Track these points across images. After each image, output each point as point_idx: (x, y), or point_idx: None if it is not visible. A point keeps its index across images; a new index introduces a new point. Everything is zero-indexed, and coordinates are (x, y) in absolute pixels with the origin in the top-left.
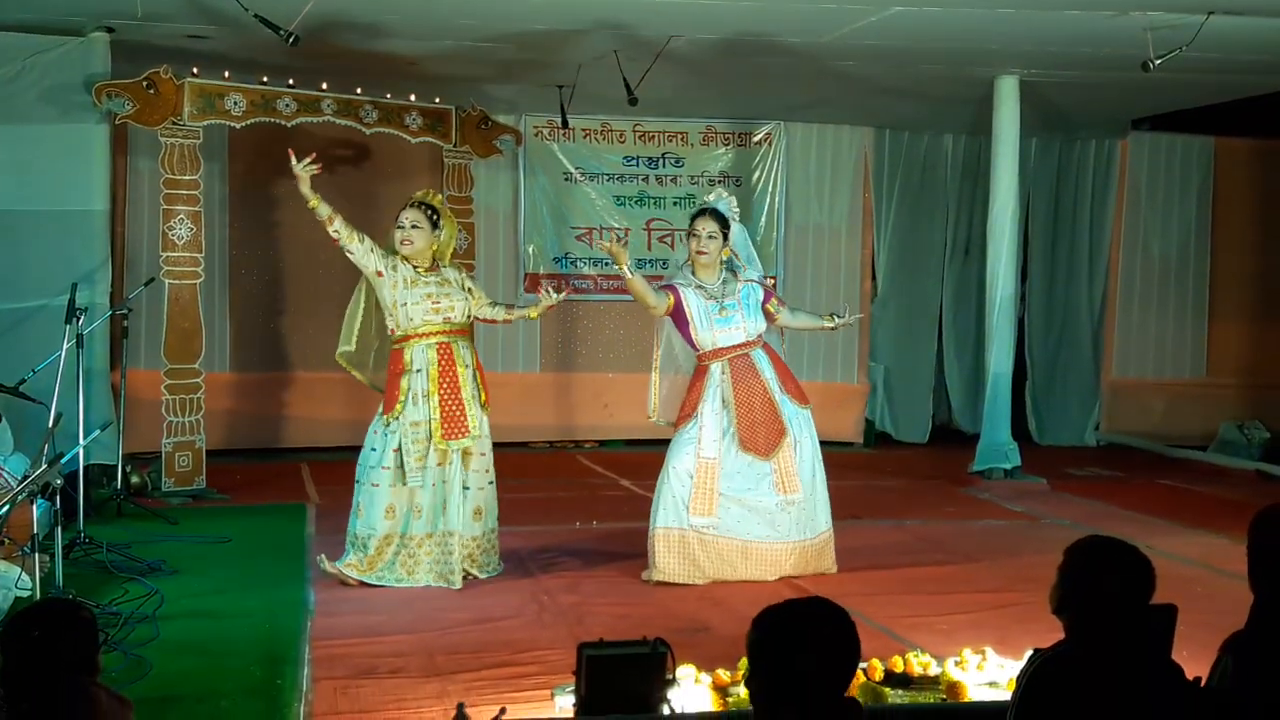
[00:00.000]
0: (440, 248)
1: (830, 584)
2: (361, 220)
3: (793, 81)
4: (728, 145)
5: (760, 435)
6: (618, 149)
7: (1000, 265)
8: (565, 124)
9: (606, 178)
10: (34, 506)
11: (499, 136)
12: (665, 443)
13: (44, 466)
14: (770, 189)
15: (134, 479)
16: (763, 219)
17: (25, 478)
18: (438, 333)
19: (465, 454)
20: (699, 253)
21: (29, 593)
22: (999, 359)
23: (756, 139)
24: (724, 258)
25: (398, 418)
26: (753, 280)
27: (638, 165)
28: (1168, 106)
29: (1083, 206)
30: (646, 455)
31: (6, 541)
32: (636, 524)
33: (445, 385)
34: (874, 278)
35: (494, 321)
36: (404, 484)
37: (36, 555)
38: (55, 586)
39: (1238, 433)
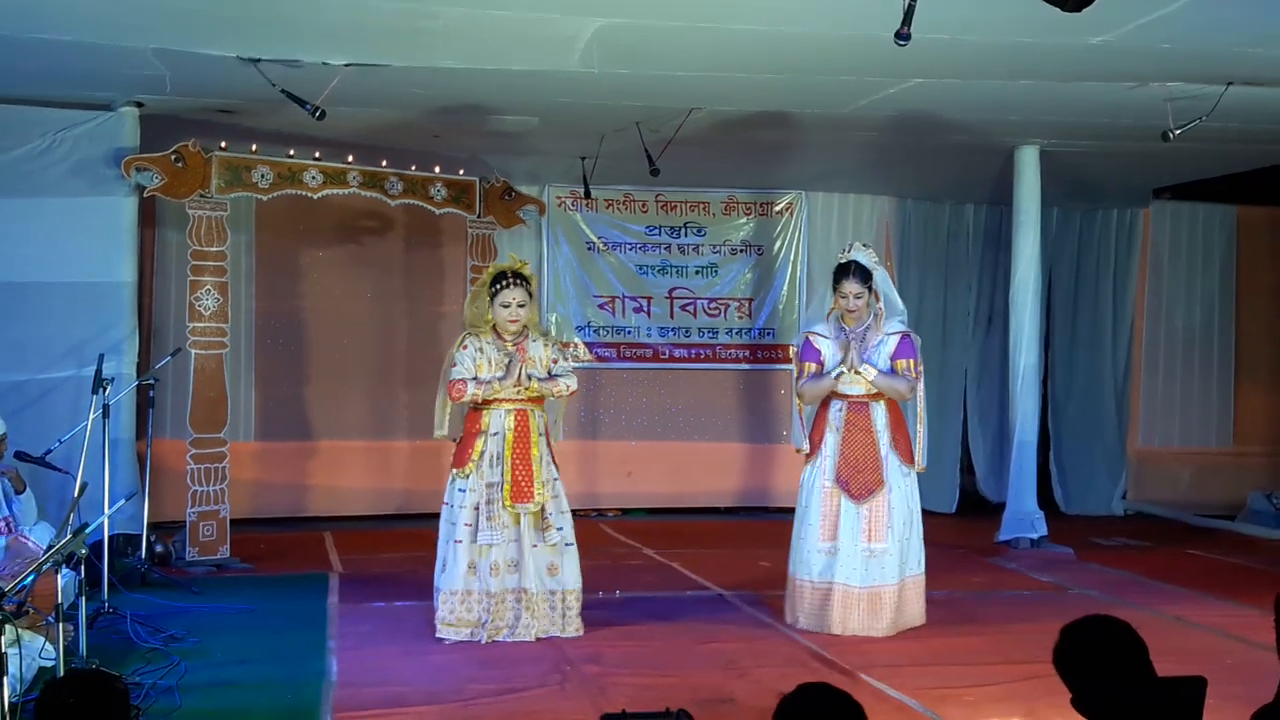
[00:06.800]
0: (532, 315)
1: (857, 654)
2: (384, 286)
3: (813, 152)
4: (749, 215)
5: (856, 480)
6: (640, 219)
7: (1023, 334)
8: (588, 194)
9: (629, 247)
10: (59, 576)
11: (522, 207)
12: (690, 511)
13: (69, 536)
14: (792, 258)
15: (158, 548)
16: (784, 288)
17: (50, 547)
18: (516, 400)
19: (535, 516)
20: (849, 311)
21: (52, 663)
22: (1024, 428)
23: (778, 208)
24: (873, 307)
25: (469, 475)
26: (895, 332)
27: (660, 235)
28: (1189, 176)
29: (1105, 275)
30: (670, 524)
31: (31, 611)
32: (660, 593)
33: (518, 451)
34: None
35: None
36: (475, 541)
37: (60, 625)
38: (79, 656)
39: (1266, 502)
